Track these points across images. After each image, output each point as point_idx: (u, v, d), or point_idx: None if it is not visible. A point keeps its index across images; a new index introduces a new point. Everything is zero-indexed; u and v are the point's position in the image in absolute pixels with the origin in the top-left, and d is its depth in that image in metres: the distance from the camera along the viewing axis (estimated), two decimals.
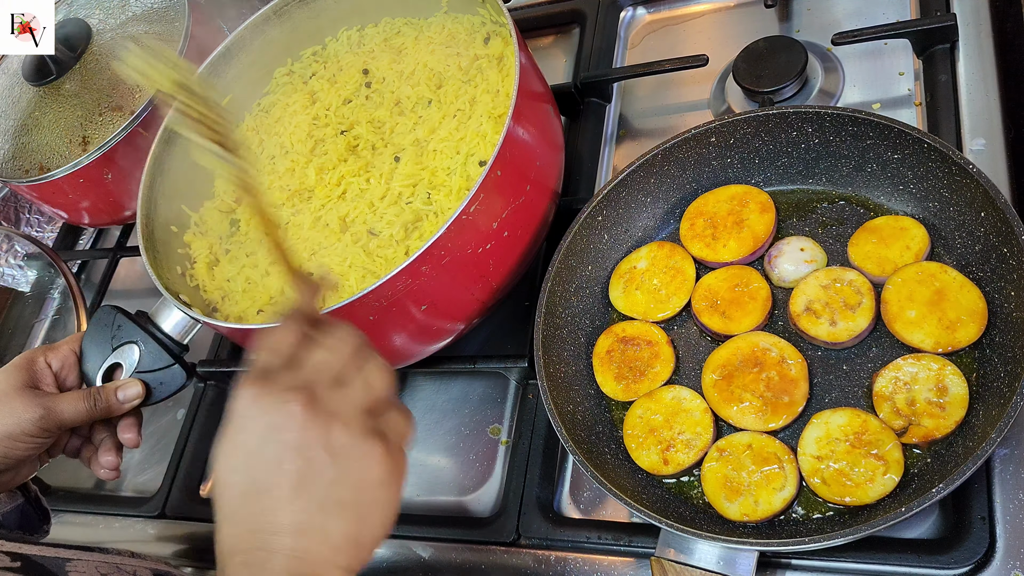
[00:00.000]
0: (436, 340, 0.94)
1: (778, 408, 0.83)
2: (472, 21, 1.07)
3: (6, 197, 1.56)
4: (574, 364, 0.93)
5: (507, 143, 0.83)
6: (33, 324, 1.47)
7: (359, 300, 0.79)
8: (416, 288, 0.81)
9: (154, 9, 1.33)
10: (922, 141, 0.83)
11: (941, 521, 0.78)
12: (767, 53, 1.07)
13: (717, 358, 0.87)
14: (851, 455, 0.77)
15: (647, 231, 1.01)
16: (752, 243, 0.93)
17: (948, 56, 1.00)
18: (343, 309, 0.79)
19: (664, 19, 1.27)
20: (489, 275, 0.89)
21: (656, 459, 0.85)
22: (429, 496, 1.02)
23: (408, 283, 0.80)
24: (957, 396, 0.76)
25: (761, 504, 0.78)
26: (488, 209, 0.83)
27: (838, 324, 0.84)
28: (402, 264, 0.78)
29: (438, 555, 0.95)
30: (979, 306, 0.79)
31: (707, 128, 0.94)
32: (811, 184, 0.96)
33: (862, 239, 0.88)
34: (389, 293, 0.80)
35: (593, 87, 1.18)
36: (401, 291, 0.81)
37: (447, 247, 0.80)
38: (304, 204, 1.02)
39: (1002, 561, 0.73)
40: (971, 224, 0.82)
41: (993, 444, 0.67)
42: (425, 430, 1.07)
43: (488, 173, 0.81)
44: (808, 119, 0.91)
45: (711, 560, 0.76)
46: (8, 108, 1.33)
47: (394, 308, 0.82)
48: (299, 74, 1.18)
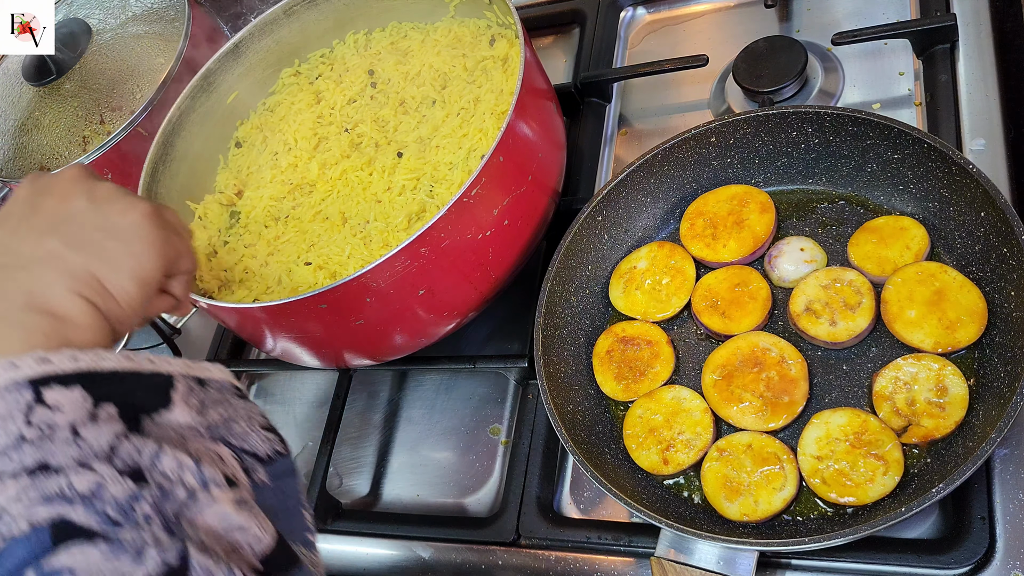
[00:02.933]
0: (433, 329, 0.94)
1: (778, 408, 0.83)
2: (478, 24, 1.08)
3: (6, 197, 1.56)
4: (574, 364, 0.93)
5: (509, 131, 0.83)
6: None
7: (356, 280, 0.78)
8: (415, 271, 0.81)
9: (154, 9, 1.32)
10: (922, 141, 0.83)
11: (941, 521, 0.78)
12: (767, 53, 1.07)
13: (717, 358, 0.87)
14: (851, 455, 0.77)
15: (647, 231, 1.01)
16: (752, 243, 0.93)
17: (948, 56, 1.00)
18: (340, 288, 0.79)
19: (664, 19, 1.27)
20: (489, 264, 0.89)
21: (656, 459, 0.85)
22: (429, 496, 1.02)
23: (407, 264, 0.80)
24: (957, 396, 0.76)
25: (761, 504, 0.78)
26: (489, 195, 0.83)
27: (838, 324, 0.84)
28: (401, 244, 0.78)
29: (438, 555, 0.95)
30: (979, 306, 0.79)
31: (707, 128, 0.94)
32: (811, 184, 0.96)
33: (862, 239, 0.88)
34: (387, 274, 0.80)
35: (593, 87, 1.18)
36: (399, 272, 0.80)
37: (447, 229, 0.80)
38: (305, 198, 1.03)
39: (1002, 561, 0.73)
40: (971, 224, 0.82)
41: (993, 444, 0.67)
42: (425, 430, 1.07)
43: (490, 158, 0.81)
44: (808, 119, 0.91)
45: (711, 560, 0.76)
46: (8, 108, 1.33)
47: (392, 291, 0.82)
48: (305, 75, 1.18)
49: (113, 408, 0.44)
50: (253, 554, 0.45)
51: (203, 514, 0.44)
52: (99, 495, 0.40)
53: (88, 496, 0.40)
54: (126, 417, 0.45)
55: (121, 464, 0.42)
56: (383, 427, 1.10)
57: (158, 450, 0.44)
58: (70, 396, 0.43)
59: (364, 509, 1.05)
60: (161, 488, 0.43)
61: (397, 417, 1.10)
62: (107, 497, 0.41)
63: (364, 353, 0.96)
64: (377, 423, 1.11)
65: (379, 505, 1.05)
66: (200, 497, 0.44)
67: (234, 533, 0.44)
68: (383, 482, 1.06)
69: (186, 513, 0.43)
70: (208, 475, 0.45)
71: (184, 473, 0.44)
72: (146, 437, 0.44)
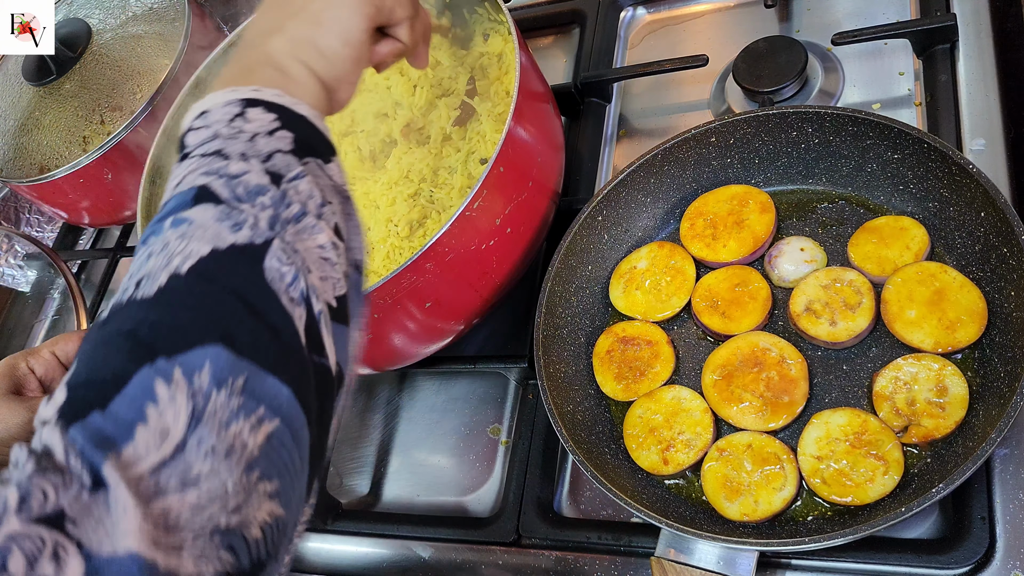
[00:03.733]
0: (439, 338, 0.94)
1: (778, 408, 0.83)
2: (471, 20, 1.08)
3: (6, 197, 1.56)
4: (574, 364, 0.93)
5: (508, 140, 0.83)
6: (33, 324, 1.47)
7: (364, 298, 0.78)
8: (420, 285, 0.81)
9: (154, 9, 1.32)
10: (922, 141, 0.83)
11: (941, 521, 0.78)
12: (767, 53, 1.07)
13: (717, 358, 0.87)
14: (851, 455, 0.77)
15: (647, 231, 1.01)
16: (752, 243, 0.93)
17: (948, 56, 0.99)
18: None
19: (664, 19, 1.27)
20: (492, 271, 0.89)
21: (656, 459, 0.85)
22: (429, 496, 1.02)
23: (412, 280, 0.80)
24: (957, 396, 0.76)
25: (761, 504, 0.78)
26: (491, 206, 0.83)
27: (838, 324, 0.84)
28: (406, 261, 0.78)
29: (438, 555, 0.95)
30: (979, 306, 0.79)
31: (707, 128, 0.94)
32: (811, 184, 0.96)
33: (862, 239, 0.88)
34: (393, 291, 0.80)
35: (593, 87, 1.18)
36: (405, 288, 0.80)
37: (451, 243, 0.80)
38: None
39: (1002, 561, 0.73)
40: (971, 224, 0.82)
41: (993, 444, 0.67)
42: (425, 430, 1.07)
43: (491, 170, 0.81)
44: (808, 119, 0.91)
45: (711, 560, 0.76)
46: (8, 108, 1.33)
47: (398, 306, 0.82)
48: None
49: (290, 135, 0.54)
50: (332, 291, 0.52)
51: (309, 234, 0.51)
52: (241, 178, 0.50)
53: (233, 176, 0.50)
54: (297, 145, 0.54)
55: (270, 165, 0.51)
56: (383, 427, 1.10)
57: (301, 172, 0.52)
58: (264, 116, 0.53)
59: (364, 509, 1.05)
60: (285, 194, 0.51)
61: (397, 417, 1.10)
62: (245, 180, 0.50)
63: (370, 364, 0.96)
64: (377, 423, 1.11)
65: (379, 505, 1.05)
66: (310, 220, 0.51)
67: (325, 266, 0.51)
68: (383, 482, 1.06)
69: (296, 226, 0.50)
70: (326, 212, 0.53)
71: (309, 201, 0.52)
72: (300, 163, 0.53)
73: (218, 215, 0.48)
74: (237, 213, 0.48)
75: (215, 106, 0.54)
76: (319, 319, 0.49)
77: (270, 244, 0.48)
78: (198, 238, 0.47)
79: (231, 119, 0.53)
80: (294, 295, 0.48)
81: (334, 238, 0.53)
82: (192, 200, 0.49)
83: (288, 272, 0.48)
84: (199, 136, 0.53)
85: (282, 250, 0.48)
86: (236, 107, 0.54)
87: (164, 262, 0.46)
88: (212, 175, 0.50)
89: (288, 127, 0.54)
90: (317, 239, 0.51)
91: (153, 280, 0.45)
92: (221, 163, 0.51)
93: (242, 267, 0.47)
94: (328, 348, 0.50)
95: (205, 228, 0.47)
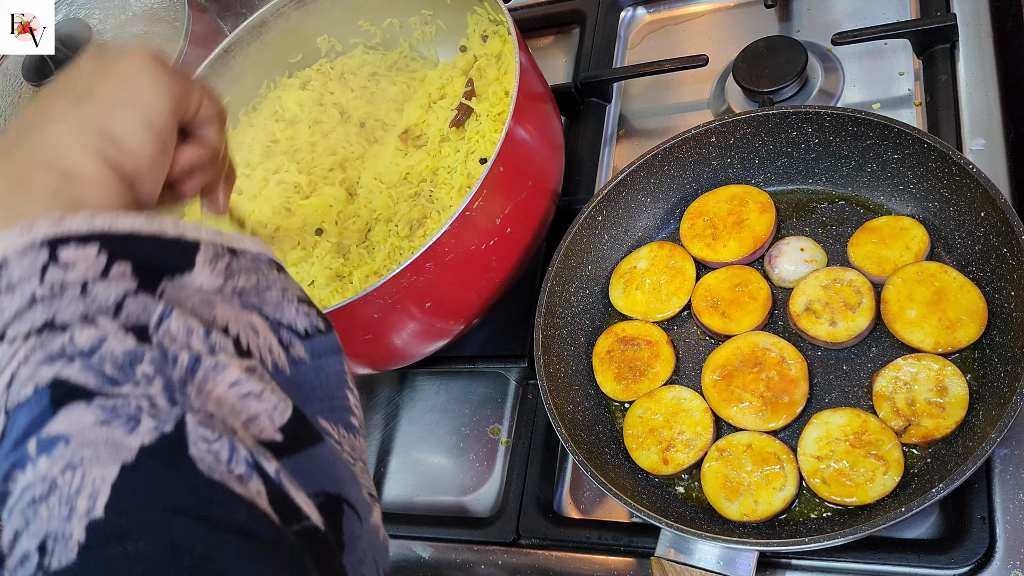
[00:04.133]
0: (439, 338, 0.94)
1: (778, 408, 0.83)
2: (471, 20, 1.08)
3: None
4: (574, 364, 0.93)
5: (508, 140, 0.83)
6: None
7: (362, 298, 0.79)
8: (420, 285, 0.81)
9: (154, 9, 1.32)
10: (922, 141, 0.83)
11: (941, 521, 0.78)
12: (767, 53, 1.07)
13: (717, 358, 0.87)
14: (851, 455, 0.77)
15: (647, 231, 1.01)
16: (752, 243, 0.93)
17: (948, 56, 0.99)
18: (347, 307, 0.79)
19: (664, 19, 1.27)
20: (492, 272, 0.89)
21: (656, 459, 0.85)
22: (429, 496, 1.02)
23: (412, 280, 0.80)
24: (957, 396, 0.76)
25: (761, 504, 0.78)
26: (490, 206, 0.83)
27: (838, 324, 0.84)
28: (406, 261, 0.78)
29: (438, 555, 0.95)
30: (979, 306, 0.79)
31: (707, 128, 0.94)
32: (811, 184, 0.96)
33: (862, 239, 0.88)
34: (393, 290, 0.80)
35: (593, 87, 1.18)
36: (405, 288, 0.80)
37: (451, 243, 0.80)
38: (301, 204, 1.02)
39: (1002, 561, 0.73)
40: (971, 224, 0.82)
41: (993, 444, 0.67)
42: (425, 430, 1.07)
43: (491, 169, 0.81)
44: (808, 119, 0.91)
45: (711, 560, 0.76)
46: (8, 108, 1.33)
47: (398, 306, 0.82)
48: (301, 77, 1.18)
49: (128, 266, 0.42)
50: (272, 423, 0.42)
51: (213, 382, 0.41)
52: (99, 350, 0.39)
53: (88, 351, 0.38)
54: (142, 276, 0.42)
55: (126, 320, 0.40)
56: (383, 427, 1.10)
57: (165, 308, 0.42)
58: (85, 253, 0.41)
59: None
60: (163, 349, 0.40)
61: (397, 417, 1.10)
62: (106, 352, 0.39)
63: (369, 364, 0.96)
64: (377, 423, 1.11)
65: (379, 505, 1.04)
66: (206, 363, 0.41)
67: (250, 402, 0.42)
68: (383, 482, 1.06)
69: (194, 380, 0.40)
70: (216, 342, 0.42)
71: (192, 339, 0.41)
72: (157, 298, 0.42)
73: (99, 416, 0.37)
74: (123, 403, 0.37)
75: (9, 256, 0.41)
76: (279, 480, 0.39)
77: (184, 424, 0.38)
78: (92, 461, 0.35)
79: (41, 272, 0.41)
80: (240, 471, 0.38)
81: (244, 362, 0.43)
82: (51, 406, 0.37)
83: (222, 447, 0.38)
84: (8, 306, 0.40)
85: (200, 423, 0.38)
86: (41, 253, 0.41)
87: (64, 510, 0.35)
88: (59, 359, 0.38)
89: (121, 256, 0.42)
90: (226, 378, 0.41)
91: (63, 539, 0.34)
92: (61, 338, 0.39)
93: (168, 473, 0.36)
94: (302, 505, 0.40)
95: (94, 443, 0.36)
